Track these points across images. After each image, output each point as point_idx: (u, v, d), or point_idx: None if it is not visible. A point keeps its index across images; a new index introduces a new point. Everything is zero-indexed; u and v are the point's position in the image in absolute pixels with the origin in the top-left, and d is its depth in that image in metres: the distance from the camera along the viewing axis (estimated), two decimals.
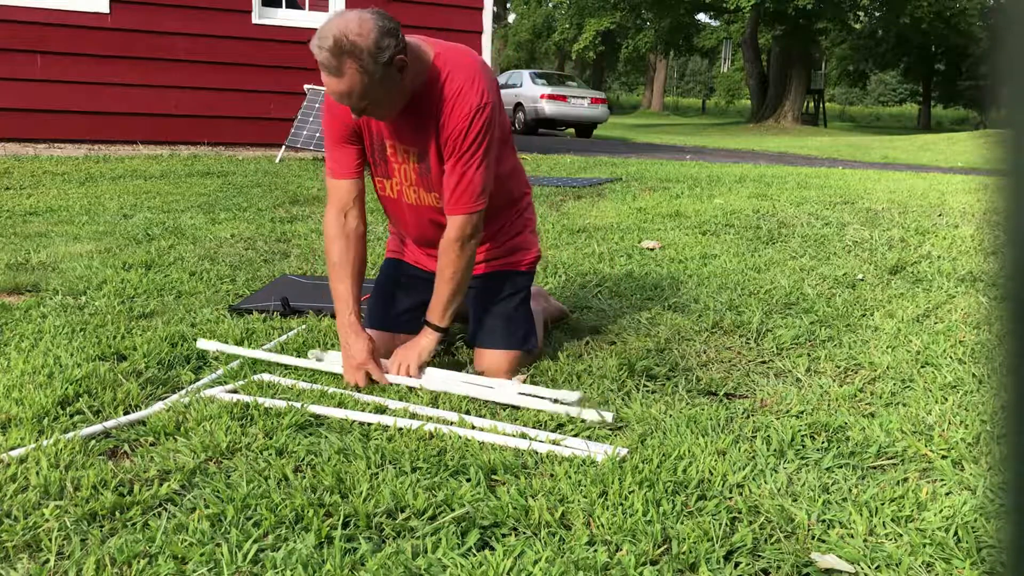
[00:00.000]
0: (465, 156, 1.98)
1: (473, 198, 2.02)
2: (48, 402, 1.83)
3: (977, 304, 2.91)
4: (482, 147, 1.99)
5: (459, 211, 2.02)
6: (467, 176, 2.00)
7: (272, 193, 5.46)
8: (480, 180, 2.01)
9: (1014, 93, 0.34)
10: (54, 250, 3.49)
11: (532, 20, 47.84)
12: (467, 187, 2.00)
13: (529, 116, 17.79)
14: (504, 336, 2.19)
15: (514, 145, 2.27)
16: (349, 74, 1.82)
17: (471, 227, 2.04)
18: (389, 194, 2.19)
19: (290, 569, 1.25)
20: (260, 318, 2.59)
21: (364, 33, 1.81)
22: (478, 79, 1.97)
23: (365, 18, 1.83)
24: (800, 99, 29.89)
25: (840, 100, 57.76)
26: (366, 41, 1.81)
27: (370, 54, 1.81)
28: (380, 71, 1.84)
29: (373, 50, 1.81)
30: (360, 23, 1.82)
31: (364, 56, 1.81)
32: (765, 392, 2.07)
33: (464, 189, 2.01)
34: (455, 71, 1.97)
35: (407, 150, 2.07)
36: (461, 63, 1.99)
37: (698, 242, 4.03)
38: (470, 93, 1.95)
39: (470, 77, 1.97)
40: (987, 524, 1.41)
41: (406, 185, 2.14)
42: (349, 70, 1.82)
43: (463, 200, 2.02)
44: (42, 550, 1.30)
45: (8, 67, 7.58)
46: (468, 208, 2.02)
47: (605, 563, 1.28)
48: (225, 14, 8.30)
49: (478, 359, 2.20)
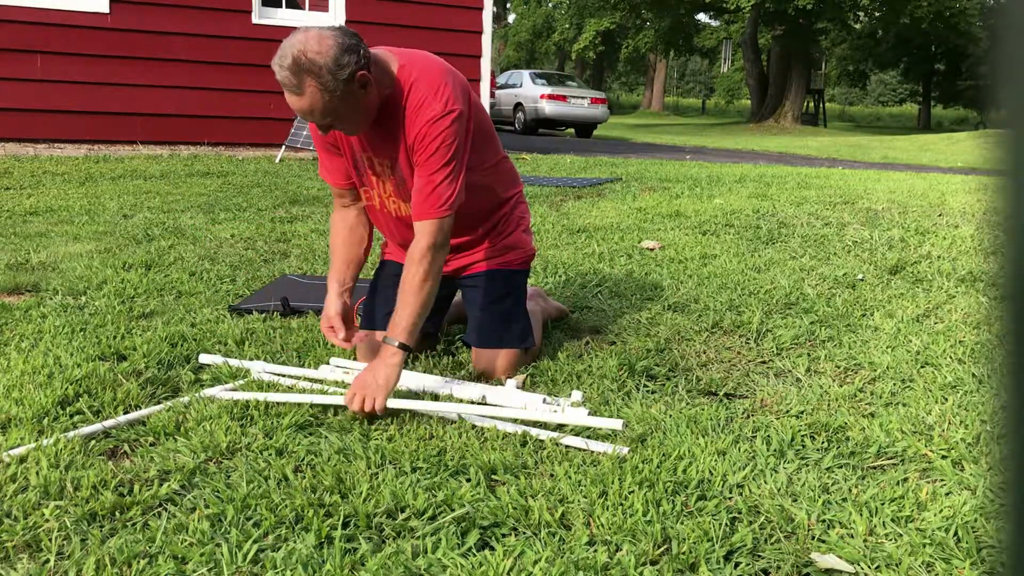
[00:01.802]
0: (430, 163, 1.96)
1: (439, 204, 1.97)
2: (48, 402, 1.83)
3: (977, 304, 2.91)
4: (448, 154, 1.96)
5: (426, 216, 1.98)
6: (432, 182, 1.97)
7: (272, 193, 5.46)
8: (447, 187, 1.98)
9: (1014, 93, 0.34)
10: (54, 250, 3.49)
11: (532, 20, 47.85)
12: (431, 193, 1.97)
13: (529, 116, 17.78)
14: (501, 335, 2.19)
15: (499, 143, 2.26)
16: (309, 92, 1.82)
17: (440, 234, 1.99)
18: (372, 203, 2.21)
19: (290, 569, 1.25)
20: (260, 318, 2.59)
21: (323, 51, 1.80)
22: (442, 88, 1.96)
23: (325, 35, 1.83)
24: (800, 99, 29.89)
25: (840, 100, 57.76)
26: (325, 58, 1.80)
27: (329, 71, 1.80)
28: (340, 88, 1.83)
29: (332, 67, 1.81)
30: (320, 40, 1.81)
31: (323, 73, 1.80)
32: (765, 392, 2.07)
33: (429, 195, 1.97)
34: (419, 81, 1.96)
35: (382, 162, 2.08)
36: (426, 72, 1.98)
37: (698, 242, 4.03)
38: (433, 102, 1.94)
39: (434, 87, 1.96)
40: (987, 524, 1.41)
41: (385, 196, 2.15)
42: (309, 88, 1.81)
43: (429, 206, 1.98)
44: (42, 550, 1.30)
45: (8, 67, 7.57)
46: (435, 214, 1.97)
47: (605, 563, 1.28)
48: (225, 14, 8.30)
49: (476, 359, 2.20)
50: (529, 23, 48.02)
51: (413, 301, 1.96)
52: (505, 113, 18.51)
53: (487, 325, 2.21)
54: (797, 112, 29.56)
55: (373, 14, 8.59)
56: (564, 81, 19.65)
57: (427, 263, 1.96)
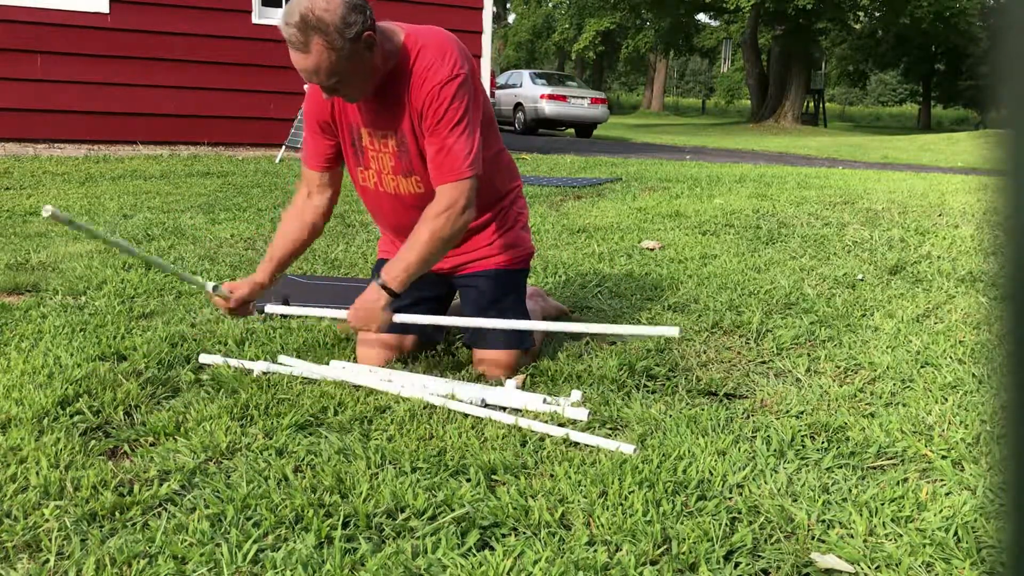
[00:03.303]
0: (442, 125, 1.94)
1: (459, 165, 1.94)
2: (48, 402, 1.83)
3: (977, 304, 2.91)
4: (458, 114, 1.94)
5: (446, 179, 1.95)
6: (447, 144, 1.94)
7: (272, 193, 5.46)
8: (464, 146, 1.94)
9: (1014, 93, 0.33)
10: (54, 250, 3.49)
11: (532, 20, 47.86)
12: (449, 155, 1.95)
13: (529, 116, 17.77)
14: (501, 335, 2.17)
15: (499, 134, 2.24)
16: (316, 50, 1.81)
17: (463, 197, 1.95)
18: (367, 185, 2.18)
19: (290, 569, 1.25)
20: (260, 318, 2.59)
21: (331, 8, 1.79)
22: (449, 53, 1.95)
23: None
24: (800, 99, 29.89)
25: (840, 100, 57.76)
26: (333, 16, 1.79)
27: (337, 29, 1.79)
28: (347, 47, 1.81)
29: (340, 25, 1.80)
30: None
31: (331, 31, 1.79)
32: (765, 392, 2.07)
33: (446, 157, 1.95)
34: (425, 48, 1.95)
35: (384, 134, 2.05)
36: (431, 40, 1.97)
37: (698, 242, 4.03)
38: (440, 66, 1.93)
39: (440, 52, 1.95)
40: (987, 524, 1.41)
41: (384, 174, 2.12)
42: (316, 46, 1.80)
43: (448, 169, 1.95)
44: (42, 550, 1.30)
45: (8, 67, 7.58)
46: (456, 175, 1.95)
47: (605, 563, 1.28)
48: (225, 14, 8.30)
49: (476, 360, 2.20)
50: (529, 23, 48.02)
51: (411, 254, 1.97)
52: (505, 113, 18.50)
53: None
54: (797, 112, 29.56)
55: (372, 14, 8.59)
56: (564, 81, 19.65)
57: (440, 222, 1.95)
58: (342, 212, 4.77)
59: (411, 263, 1.97)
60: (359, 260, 3.53)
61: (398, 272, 1.97)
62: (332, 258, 3.56)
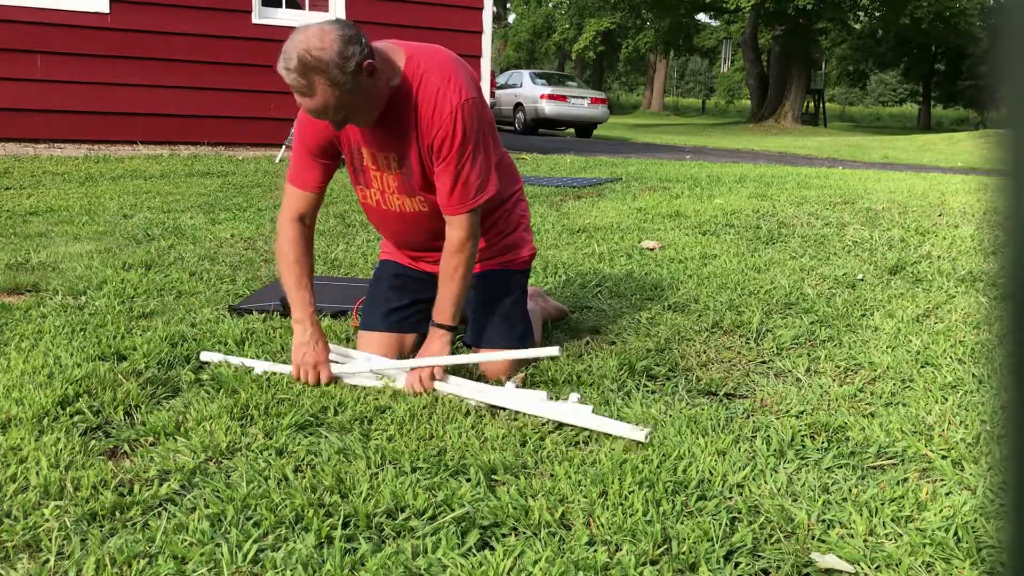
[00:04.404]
0: (454, 156, 1.97)
1: (471, 195, 2.01)
2: (48, 402, 1.83)
3: (977, 304, 2.91)
4: (470, 143, 1.97)
5: (460, 210, 2.02)
6: (462, 175, 1.99)
7: (272, 193, 5.46)
8: (476, 176, 2.00)
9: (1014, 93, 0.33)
10: (54, 250, 3.49)
11: (532, 20, 47.84)
12: (463, 186, 2.00)
13: (529, 116, 17.77)
14: (502, 335, 2.19)
15: (499, 139, 2.24)
16: (320, 90, 1.80)
17: (473, 226, 2.05)
18: (369, 202, 2.18)
19: (290, 569, 1.25)
20: (260, 318, 2.59)
21: (326, 46, 1.78)
22: (454, 77, 1.95)
23: (326, 29, 1.81)
24: (800, 99, 29.90)
25: (840, 100, 57.77)
26: (330, 53, 1.78)
27: (336, 65, 1.78)
28: (349, 81, 1.81)
29: (338, 61, 1.78)
30: (321, 36, 1.79)
31: (331, 69, 1.78)
32: (765, 392, 2.07)
33: (461, 188, 2.00)
34: (428, 72, 1.94)
35: (387, 156, 2.05)
36: (434, 63, 1.96)
37: (698, 242, 4.03)
38: (449, 93, 1.93)
39: (446, 77, 1.94)
40: (987, 524, 1.41)
41: (388, 193, 2.13)
42: (319, 86, 1.79)
43: (462, 199, 2.01)
44: (42, 550, 1.30)
45: (8, 67, 7.57)
46: (469, 206, 2.02)
47: (605, 563, 1.28)
48: (225, 14, 8.30)
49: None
50: (529, 23, 48.00)
51: (452, 287, 2.07)
52: (505, 113, 18.50)
53: (488, 325, 2.22)
54: (797, 112, 29.57)
55: (373, 14, 8.59)
56: (564, 81, 19.65)
57: (465, 253, 2.05)
58: (342, 212, 4.77)
59: (456, 296, 2.08)
60: (359, 260, 3.53)
61: (449, 310, 2.08)
62: (332, 258, 3.56)
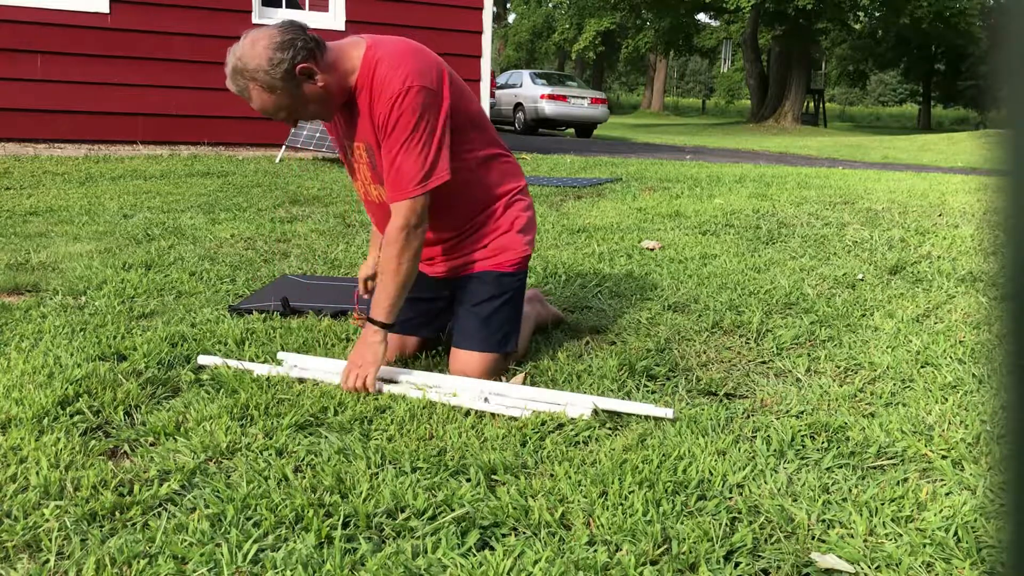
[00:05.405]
0: (392, 141, 1.96)
1: (406, 184, 1.98)
2: (48, 402, 1.83)
3: (977, 304, 2.91)
4: (407, 131, 1.95)
5: (396, 197, 2.00)
6: (397, 161, 1.97)
7: (272, 193, 5.46)
8: (413, 164, 1.97)
9: (1014, 93, 0.33)
10: (54, 250, 3.49)
11: (532, 20, 47.85)
12: (398, 173, 1.98)
13: (529, 116, 17.78)
14: (478, 338, 2.14)
15: (493, 137, 2.21)
16: (255, 94, 1.92)
17: (413, 215, 1.99)
18: (360, 194, 2.23)
19: (290, 569, 1.25)
20: (260, 318, 2.59)
21: (256, 54, 1.90)
22: (403, 65, 1.95)
23: (258, 37, 1.92)
24: (800, 99, 29.89)
25: (840, 100, 57.78)
26: (259, 61, 1.89)
27: (265, 72, 1.89)
28: (280, 84, 1.91)
29: (267, 67, 1.89)
30: (252, 44, 1.90)
31: (259, 75, 1.90)
32: (765, 392, 2.07)
33: (396, 175, 1.98)
34: (380, 60, 1.97)
35: (357, 145, 2.10)
36: (387, 51, 1.98)
37: (698, 242, 4.03)
38: (392, 79, 1.94)
39: (395, 64, 1.96)
40: (987, 524, 1.41)
41: (367, 183, 2.16)
42: (253, 91, 1.92)
43: (399, 186, 1.99)
44: (42, 550, 1.30)
45: (8, 67, 7.57)
46: (405, 194, 1.98)
47: (605, 563, 1.28)
48: (225, 14, 8.30)
49: (452, 360, 2.16)
50: (529, 23, 48.01)
51: (389, 282, 2.03)
52: (505, 113, 18.50)
53: (466, 327, 2.16)
54: (797, 112, 29.56)
55: (373, 14, 8.60)
56: (564, 81, 19.65)
57: (400, 244, 2.00)
58: (342, 212, 4.77)
59: (391, 292, 2.03)
60: (359, 260, 3.53)
61: (383, 305, 2.03)
62: (332, 258, 3.56)
